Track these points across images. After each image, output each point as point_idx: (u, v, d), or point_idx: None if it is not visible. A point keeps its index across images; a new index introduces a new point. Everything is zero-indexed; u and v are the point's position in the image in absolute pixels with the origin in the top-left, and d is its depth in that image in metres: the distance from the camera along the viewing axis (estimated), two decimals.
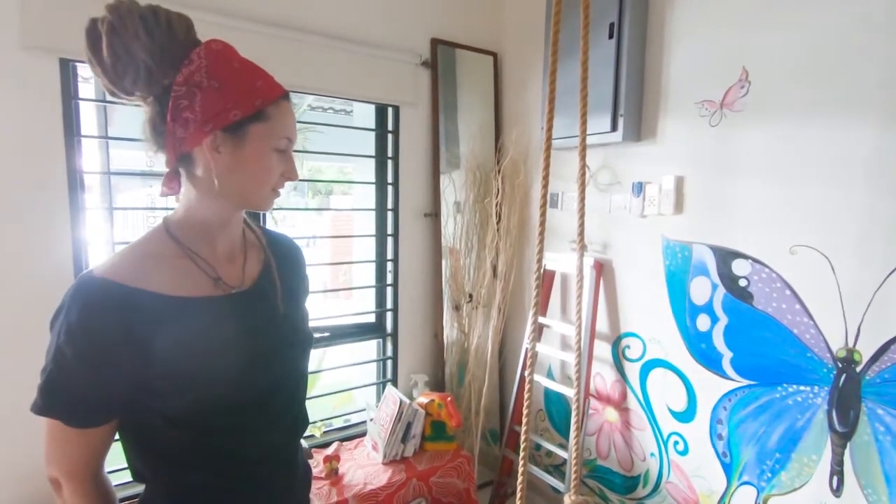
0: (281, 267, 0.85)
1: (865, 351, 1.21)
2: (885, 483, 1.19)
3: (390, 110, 2.07)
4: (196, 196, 0.74)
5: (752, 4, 1.39)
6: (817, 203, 1.28)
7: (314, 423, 1.98)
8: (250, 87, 0.71)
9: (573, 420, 1.83)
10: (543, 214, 1.26)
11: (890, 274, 1.16)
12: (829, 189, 1.26)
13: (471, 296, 2.23)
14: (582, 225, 1.34)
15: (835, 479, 1.27)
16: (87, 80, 1.61)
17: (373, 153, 2.10)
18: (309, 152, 2.08)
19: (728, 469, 1.50)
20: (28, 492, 1.44)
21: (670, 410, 1.65)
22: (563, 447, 1.96)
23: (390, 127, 2.07)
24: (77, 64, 1.46)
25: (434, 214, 2.15)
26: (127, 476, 0.76)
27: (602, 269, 1.83)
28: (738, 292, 1.45)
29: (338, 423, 2.14)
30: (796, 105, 1.31)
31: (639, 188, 1.70)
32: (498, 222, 2.14)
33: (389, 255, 2.12)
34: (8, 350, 1.39)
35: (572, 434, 1.84)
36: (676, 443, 1.64)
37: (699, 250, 1.54)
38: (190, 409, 0.71)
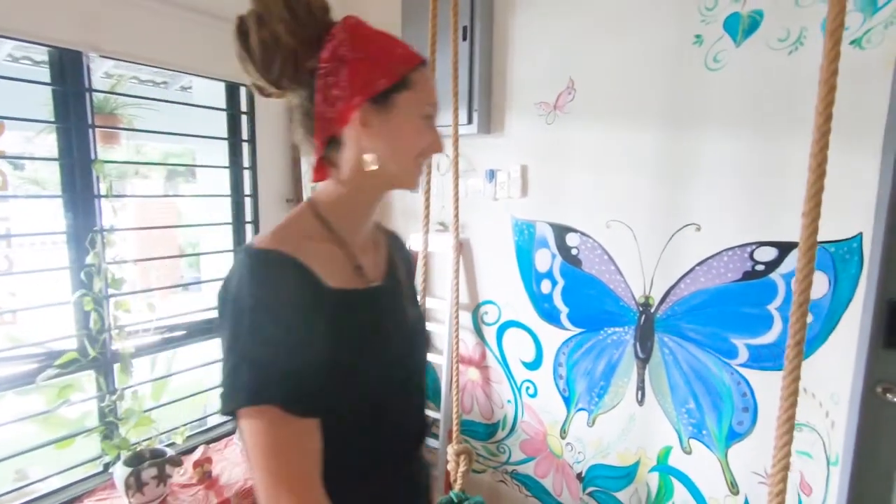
0: (401, 263, 0.83)
1: (656, 296, 1.65)
2: (670, 390, 1.65)
3: (243, 90, 1.95)
4: (343, 180, 0.71)
5: (575, 28, 1.71)
6: (622, 187, 1.68)
7: (175, 429, 1.82)
8: (391, 55, 0.69)
9: (446, 382, 2.04)
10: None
11: (670, 239, 1.60)
12: (630, 177, 1.66)
13: None
14: (457, 208, 1.52)
15: (639, 393, 1.72)
16: None
17: (218, 134, 1.95)
18: (150, 132, 1.85)
19: (567, 401, 1.88)
20: None
21: (522, 362, 1.97)
22: (431, 409, 2.17)
23: (244, 107, 1.96)
24: None
25: (296, 200, 2.11)
26: None
27: (461, 247, 2.06)
28: (571, 259, 1.81)
29: (188, 428, 1.98)
30: (608, 112, 1.68)
31: (491, 175, 1.95)
32: None
33: None
34: None
35: (449, 395, 2.05)
36: (528, 388, 1.97)
37: (541, 227, 1.86)
38: (340, 407, 0.66)
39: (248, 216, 2.01)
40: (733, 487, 1.56)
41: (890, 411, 1.37)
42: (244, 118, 1.97)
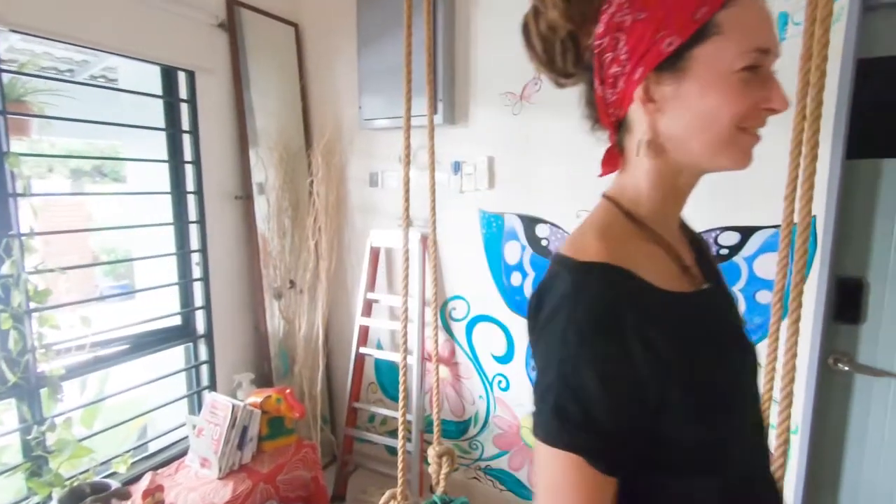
0: (711, 263, 0.69)
1: None
2: None
3: (182, 76, 1.76)
4: (642, 169, 0.58)
5: None
6: (591, 177, 1.69)
7: (115, 458, 1.61)
8: None
9: (416, 382, 1.97)
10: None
11: None
12: (598, 166, 1.67)
13: (292, 282, 2.12)
14: (433, 201, 1.46)
15: None
16: None
17: (149, 124, 1.74)
18: (78, 121, 1.62)
19: None
20: None
21: (493, 356, 1.95)
22: (389, 407, 2.09)
23: (184, 95, 1.77)
24: None
25: (246, 196, 1.95)
26: None
27: (427, 242, 2.00)
28: (541, 251, 1.81)
29: (131, 454, 1.76)
30: (576, 101, 1.68)
31: (456, 167, 1.90)
32: (315, 203, 2.08)
33: (195, 245, 1.83)
34: None
35: (421, 395, 1.99)
36: (500, 382, 1.95)
37: (510, 219, 1.85)
38: (691, 442, 0.53)
39: (193, 215, 1.82)
40: None
41: (840, 379, 1.49)
42: (184, 107, 1.77)
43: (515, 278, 1.86)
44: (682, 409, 0.51)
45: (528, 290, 1.84)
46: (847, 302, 1.45)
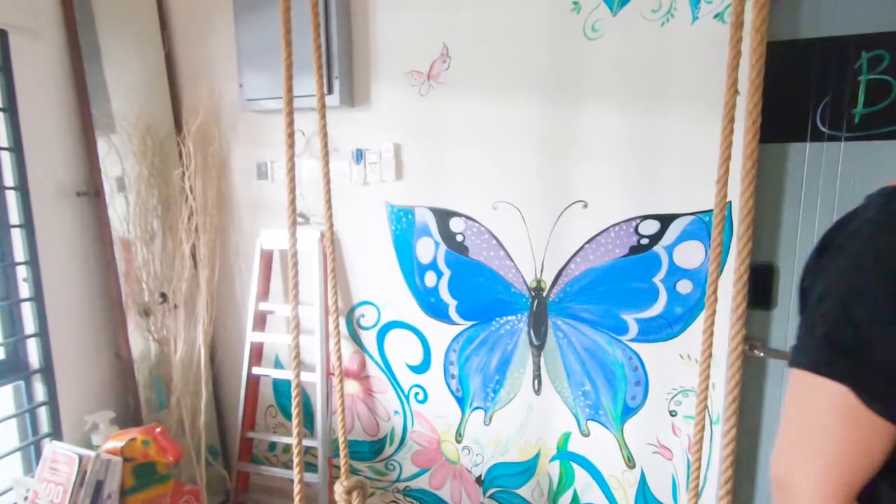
0: None
1: (548, 279, 1.57)
2: (566, 374, 1.59)
3: None
4: None
5: None
6: (508, 165, 1.55)
7: None
8: None
9: (321, 402, 1.72)
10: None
11: (559, 218, 1.52)
12: (515, 153, 1.54)
13: (164, 295, 1.76)
14: (328, 192, 1.23)
15: (535, 382, 1.63)
16: None
17: None
18: None
19: (461, 402, 1.72)
20: None
21: (408, 366, 1.76)
22: (306, 437, 1.83)
23: None
24: None
25: (93, 193, 1.57)
26: None
27: (326, 240, 1.75)
28: (456, 247, 1.64)
29: None
30: (488, 82, 1.53)
31: (359, 155, 1.67)
32: (189, 199, 1.74)
33: (21, 257, 1.43)
34: None
35: (326, 417, 1.74)
36: (417, 394, 1.76)
37: (421, 213, 1.66)
38: None
39: (15, 217, 1.41)
40: (630, 461, 1.56)
41: (753, 365, 1.49)
42: None
43: (430, 278, 1.68)
44: None
45: (445, 291, 1.67)
46: (759, 288, 1.44)
